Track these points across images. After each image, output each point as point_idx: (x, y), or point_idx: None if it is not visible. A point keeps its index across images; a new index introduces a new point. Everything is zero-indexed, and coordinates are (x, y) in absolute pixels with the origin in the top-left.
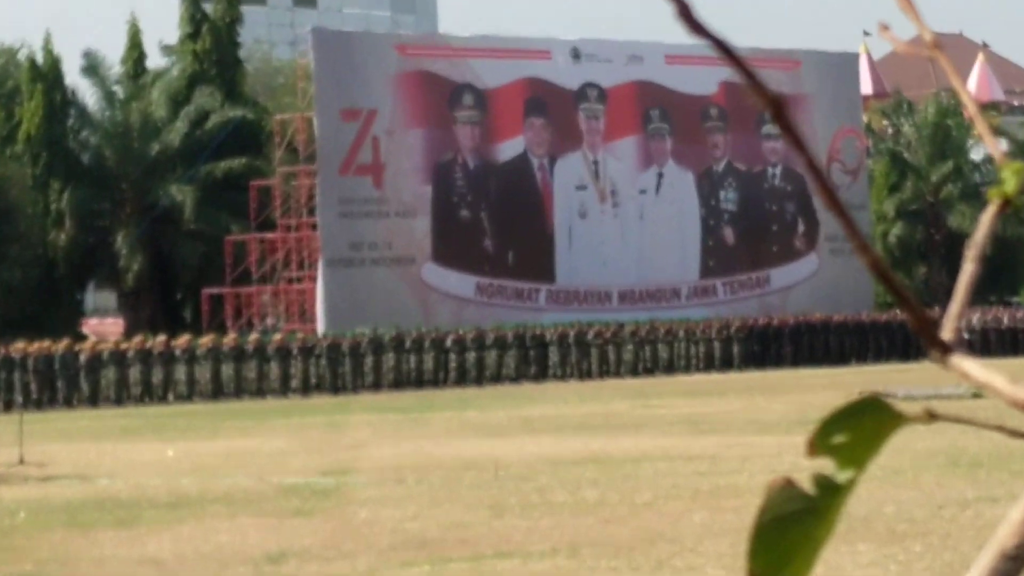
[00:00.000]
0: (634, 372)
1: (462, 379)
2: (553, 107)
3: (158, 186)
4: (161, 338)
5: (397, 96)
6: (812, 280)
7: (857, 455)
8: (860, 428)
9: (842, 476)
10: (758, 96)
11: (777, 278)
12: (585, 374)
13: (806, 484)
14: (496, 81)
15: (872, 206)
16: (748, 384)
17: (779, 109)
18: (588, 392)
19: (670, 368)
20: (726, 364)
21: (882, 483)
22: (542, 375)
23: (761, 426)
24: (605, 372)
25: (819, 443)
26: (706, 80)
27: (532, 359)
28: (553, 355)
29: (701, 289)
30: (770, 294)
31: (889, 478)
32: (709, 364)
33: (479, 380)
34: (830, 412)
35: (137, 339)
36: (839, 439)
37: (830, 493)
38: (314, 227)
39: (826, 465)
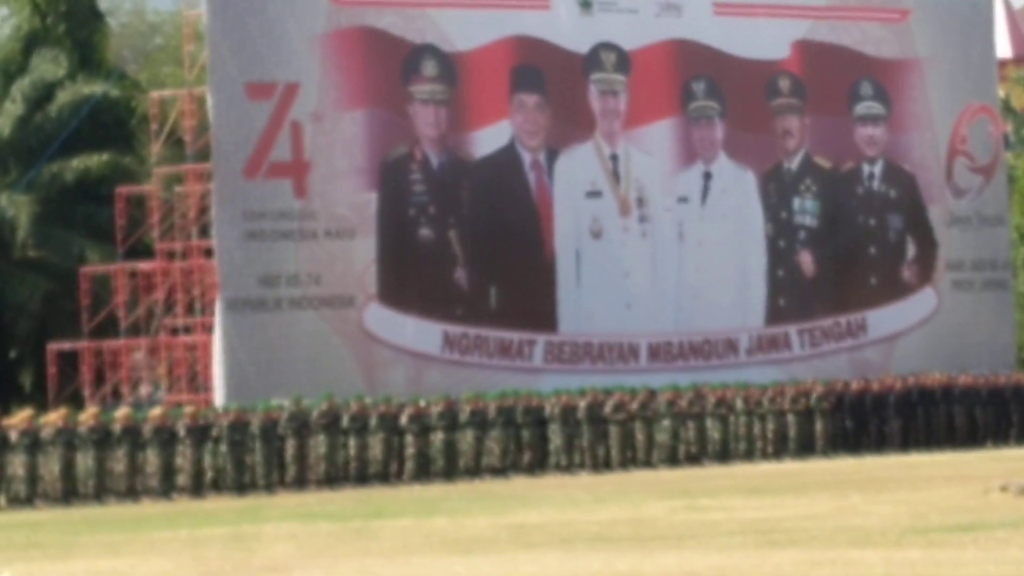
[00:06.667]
0: (672, 460)
1: (424, 472)
2: (553, 78)
3: None
4: None
5: (328, 64)
6: (928, 326)
7: None
8: None
9: None
10: None
11: (877, 324)
12: (602, 463)
13: None
14: (471, 41)
15: (1013, 219)
16: (837, 476)
17: None
18: (607, 489)
19: (724, 454)
20: (805, 448)
21: None
22: (540, 465)
23: (859, 536)
24: (631, 460)
25: None
26: (774, 39)
27: (525, 442)
28: (555, 436)
29: (768, 340)
30: (867, 347)
31: None
32: (781, 448)
33: (449, 473)
34: None
35: None
36: None
37: None
38: (209, 253)
39: None
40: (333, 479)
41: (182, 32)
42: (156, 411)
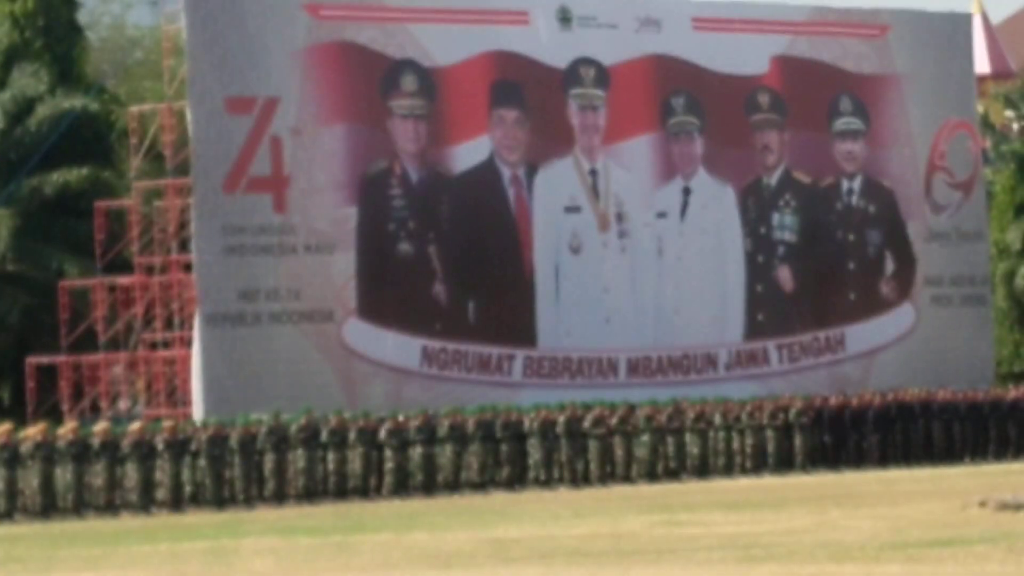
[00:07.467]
0: (651, 475)
1: (403, 486)
2: (532, 93)
3: None
4: None
5: (307, 79)
6: (906, 342)
7: None
8: None
9: None
10: None
11: (856, 339)
12: (581, 478)
13: None
14: (450, 56)
15: (992, 235)
16: (817, 491)
17: None
18: (586, 504)
19: (703, 469)
20: (784, 463)
21: None
22: (519, 480)
23: (838, 551)
24: (610, 475)
25: None
26: (753, 54)
27: (504, 457)
28: (534, 451)
29: (747, 355)
30: (846, 362)
31: None
32: (760, 463)
33: (428, 487)
34: None
35: None
36: None
37: None
38: (188, 268)
39: None
40: (312, 493)
41: (162, 46)
42: (135, 425)
